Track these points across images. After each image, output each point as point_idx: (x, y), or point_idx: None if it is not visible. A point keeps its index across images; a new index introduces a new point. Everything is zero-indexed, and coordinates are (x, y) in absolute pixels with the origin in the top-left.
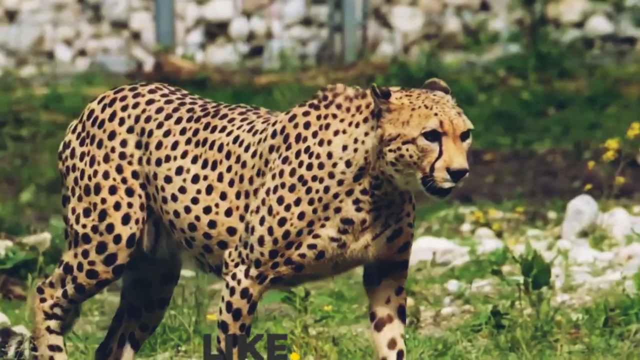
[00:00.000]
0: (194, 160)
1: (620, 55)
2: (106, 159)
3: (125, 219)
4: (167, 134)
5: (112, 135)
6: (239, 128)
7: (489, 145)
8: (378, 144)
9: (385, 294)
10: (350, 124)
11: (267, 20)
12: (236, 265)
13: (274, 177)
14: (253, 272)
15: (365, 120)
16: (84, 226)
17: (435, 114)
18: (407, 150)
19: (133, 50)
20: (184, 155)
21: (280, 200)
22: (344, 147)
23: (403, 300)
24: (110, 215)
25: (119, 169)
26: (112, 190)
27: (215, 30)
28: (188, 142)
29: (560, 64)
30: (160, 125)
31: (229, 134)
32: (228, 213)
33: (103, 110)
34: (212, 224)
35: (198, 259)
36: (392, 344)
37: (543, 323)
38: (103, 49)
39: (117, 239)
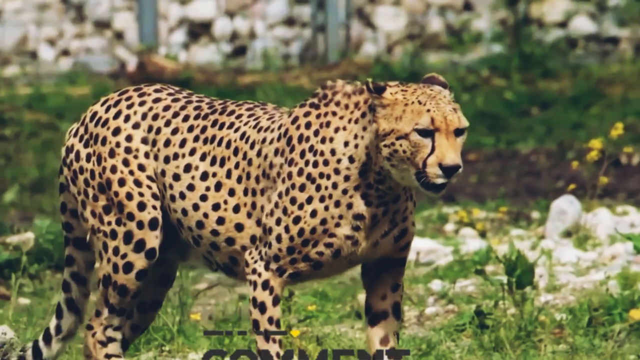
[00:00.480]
0: (203, 157)
1: (604, 55)
2: (112, 154)
3: (141, 206)
4: (175, 131)
5: (116, 131)
6: (245, 124)
7: (472, 145)
8: (375, 139)
9: (381, 290)
10: (349, 120)
11: (250, 20)
12: (256, 261)
13: (283, 180)
14: (273, 265)
15: (364, 115)
16: (109, 223)
17: (428, 110)
18: (401, 145)
19: (116, 50)
20: (192, 152)
21: (293, 201)
22: (346, 144)
23: (399, 297)
24: (126, 205)
25: (126, 162)
26: (121, 182)
27: (199, 30)
28: (196, 139)
29: (543, 64)
30: (168, 123)
31: (236, 130)
32: (236, 209)
33: (107, 110)
34: (220, 221)
35: (206, 257)
36: (384, 340)
37: (527, 323)
38: (86, 49)
39: (140, 225)
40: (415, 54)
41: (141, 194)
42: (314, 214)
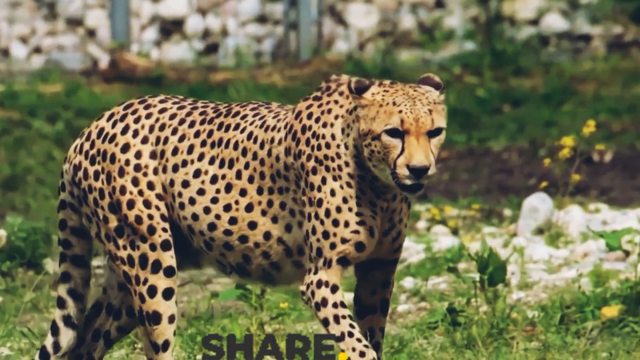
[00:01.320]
0: (211, 161)
1: (576, 53)
2: (121, 173)
3: (151, 230)
4: (182, 139)
5: (125, 148)
6: (251, 124)
7: (444, 143)
8: (358, 138)
9: (372, 286)
10: (347, 110)
11: (222, 17)
12: (309, 282)
13: (300, 176)
14: (320, 264)
15: (356, 108)
16: (125, 247)
17: (400, 112)
18: (375, 146)
19: (88, 47)
20: (201, 157)
21: (312, 187)
22: (342, 130)
23: (388, 294)
24: (137, 229)
25: (135, 182)
26: (130, 204)
27: (171, 28)
28: (203, 144)
29: (515, 61)
30: (174, 131)
31: (242, 131)
32: (249, 208)
33: (114, 126)
34: (232, 221)
35: (219, 261)
36: (370, 335)
37: (499, 320)
38: (58, 47)
39: (153, 247)
40: (387, 52)
41: (150, 217)
42: (332, 193)
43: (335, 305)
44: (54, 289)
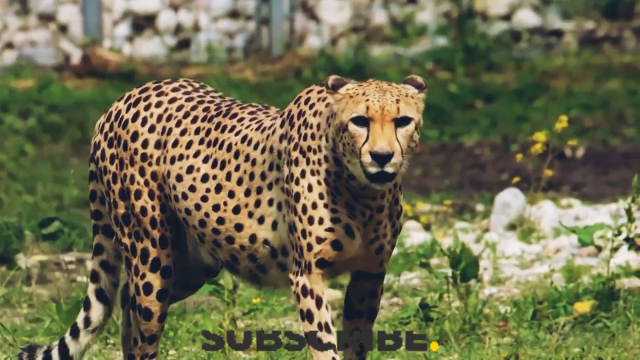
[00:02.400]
0: (205, 160)
1: (548, 48)
2: (131, 161)
3: (153, 223)
4: (183, 132)
5: (134, 136)
6: (247, 127)
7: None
8: (335, 135)
9: (360, 294)
10: (336, 100)
11: (194, 12)
12: (293, 273)
13: (288, 163)
14: (302, 266)
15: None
16: (129, 235)
17: (367, 100)
18: (345, 138)
19: (61, 43)
20: (196, 155)
21: (291, 178)
22: (327, 119)
23: (376, 303)
24: (142, 220)
25: (142, 171)
26: (137, 194)
27: (143, 23)
28: (201, 142)
29: (487, 57)
30: (179, 124)
31: (237, 134)
32: (236, 210)
33: (128, 110)
34: (220, 221)
35: (211, 254)
36: (355, 334)
37: (471, 316)
38: (30, 42)
39: (154, 243)
40: (359, 47)
41: (154, 208)
42: (310, 188)
43: (320, 327)
44: (26, 285)
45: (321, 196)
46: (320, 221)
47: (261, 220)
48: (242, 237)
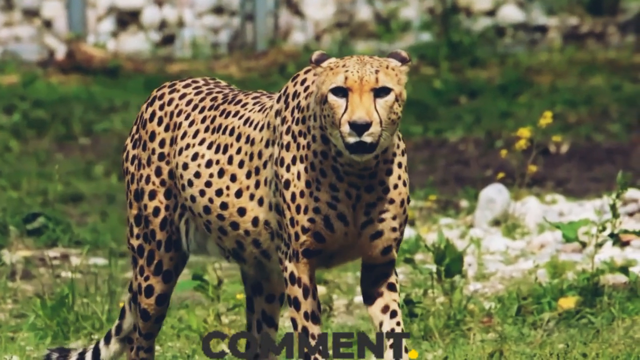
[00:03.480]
0: (209, 146)
1: (532, 44)
2: (149, 161)
3: (163, 224)
4: (191, 124)
5: (152, 136)
6: (250, 110)
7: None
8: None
9: (377, 285)
10: (317, 74)
11: (178, 8)
12: (282, 256)
13: (278, 143)
14: (291, 252)
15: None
16: (138, 236)
17: (346, 71)
18: (325, 109)
19: (45, 38)
20: (202, 142)
21: (282, 163)
22: (315, 99)
23: (396, 296)
24: (151, 221)
25: (158, 171)
26: (152, 195)
27: (127, 19)
28: (206, 129)
29: (472, 52)
30: (187, 117)
31: (240, 118)
32: (238, 194)
33: (147, 110)
34: (224, 206)
35: (218, 245)
36: (385, 309)
37: (456, 312)
38: (15, 38)
39: (159, 245)
40: (343, 42)
41: (167, 208)
42: (299, 176)
43: (306, 316)
44: (11, 280)
45: (308, 184)
46: (306, 210)
47: (261, 202)
48: (246, 222)
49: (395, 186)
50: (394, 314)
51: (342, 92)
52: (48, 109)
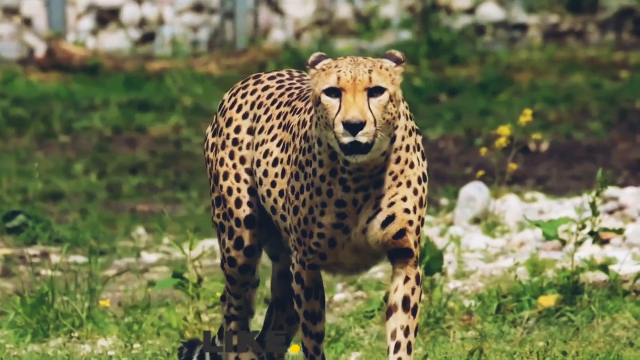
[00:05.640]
0: (279, 144)
1: (512, 42)
2: (223, 145)
3: (238, 203)
4: (269, 119)
5: (229, 122)
6: (306, 111)
7: None
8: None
9: (395, 282)
10: (311, 76)
11: (158, 6)
12: (294, 251)
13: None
14: (299, 256)
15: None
16: (219, 216)
17: (339, 71)
18: (319, 111)
19: (25, 36)
20: (274, 138)
21: (293, 190)
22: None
23: (409, 291)
24: (228, 200)
25: (232, 155)
26: (225, 176)
27: (107, 17)
28: (280, 126)
29: (452, 50)
30: (267, 111)
31: (298, 115)
32: (296, 196)
33: (229, 100)
34: (285, 208)
35: (289, 244)
36: (393, 334)
37: (436, 310)
38: None
39: (238, 222)
40: (323, 41)
41: (239, 190)
42: (304, 203)
43: (306, 315)
44: None
45: (311, 211)
46: (311, 235)
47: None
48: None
49: (412, 165)
50: (397, 347)
51: (335, 92)
52: (28, 107)
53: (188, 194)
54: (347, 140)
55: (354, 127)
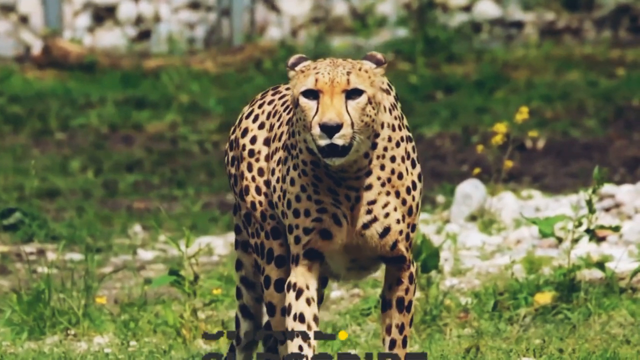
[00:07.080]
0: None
1: (508, 40)
2: (241, 158)
3: (263, 217)
4: (280, 126)
5: (244, 132)
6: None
7: None
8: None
9: (388, 282)
10: (291, 77)
11: (155, 3)
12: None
13: (278, 161)
14: (292, 260)
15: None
16: (253, 235)
17: (317, 73)
18: (297, 112)
19: (21, 34)
20: (283, 147)
21: (283, 179)
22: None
23: (402, 292)
24: (254, 215)
25: (249, 167)
26: (247, 190)
27: (103, 14)
28: (287, 132)
29: (448, 48)
30: (279, 118)
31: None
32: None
33: (247, 110)
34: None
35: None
36: (388, 330)
37: (432, 307)
38: None
39: (267, 235)
40: (319, 38)
41: (261, 203)
42: (292, 182)
43: (294, 318)
44: None
45: (303, 188)
46: (307, 213)
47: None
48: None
49: (400, 175)
50: (392, 343)
51: (312, 94)
52: (24, 104)
53: (184, 191)
54: (323, 142)
55: (330, 129)
